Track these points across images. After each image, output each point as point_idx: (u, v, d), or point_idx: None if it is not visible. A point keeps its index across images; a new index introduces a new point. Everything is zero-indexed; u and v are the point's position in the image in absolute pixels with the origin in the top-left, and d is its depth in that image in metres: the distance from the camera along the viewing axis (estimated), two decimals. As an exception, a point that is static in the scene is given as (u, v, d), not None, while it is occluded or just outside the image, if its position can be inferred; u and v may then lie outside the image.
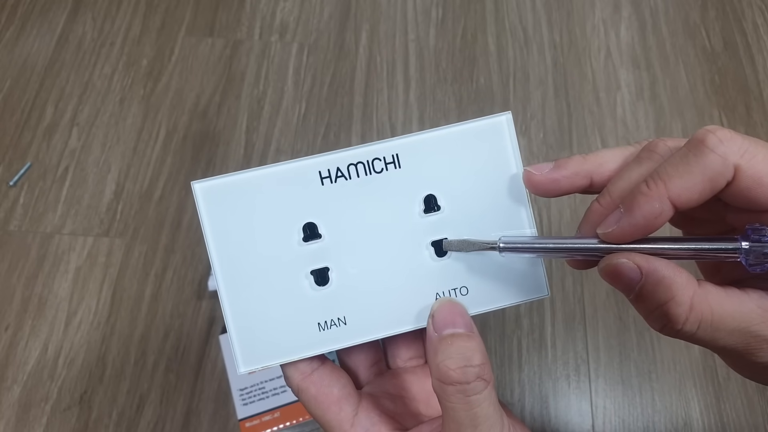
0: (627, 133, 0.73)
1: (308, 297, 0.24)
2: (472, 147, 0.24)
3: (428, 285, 0.24)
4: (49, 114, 0.74)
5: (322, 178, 0.24)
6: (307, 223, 0.24)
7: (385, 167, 0.24)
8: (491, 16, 0.82)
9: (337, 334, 0.24)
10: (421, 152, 0.24)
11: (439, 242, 0.24)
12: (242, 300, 0.24)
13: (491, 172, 0.24)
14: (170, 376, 0.59)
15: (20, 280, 0.64)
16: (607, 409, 0.59)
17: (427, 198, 0.24)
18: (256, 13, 0.82)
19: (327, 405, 0.24)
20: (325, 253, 0.24)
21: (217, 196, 0.23)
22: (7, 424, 0.57)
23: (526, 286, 0.25)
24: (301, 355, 0.24)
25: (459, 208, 0.24)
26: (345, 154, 0.24)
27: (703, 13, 0.83)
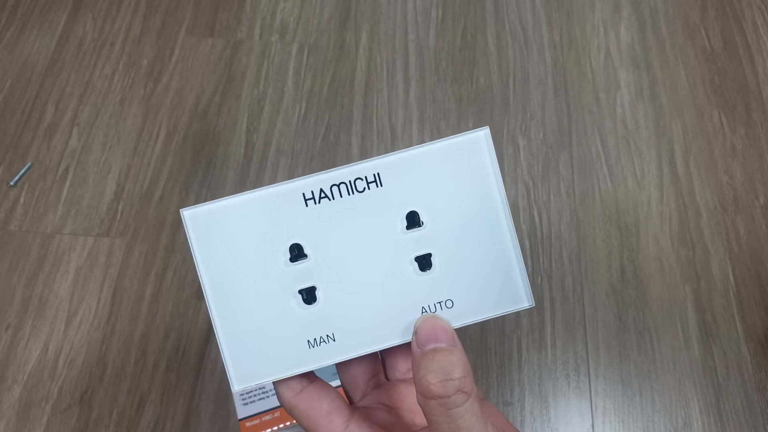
0: (627, 133, 0.74)
1: (297, 315, 0.25)
2: (452, 163, 0.25)
3: (413, 299, 0.25)
4: (49, 114, 0.74)
5: (306, 199, 0.24)
6: (293, 243, 0.24)
7: (367, 186, 0.24)
8: (491, 17, 0.82)
9: (326, 351, 0.25)
10: (402, 170, 0.25)
11: (422, 257, 0.25)
12: (233, 321, 0.24)
13: (471, 188, 0.25)
14: (171, 375, 0.59)
15: (21, 280, 0.64)
16: (606, 408, 0.59)
17: (409, 215, 0.25)
18: (256, 14, 0.82)
19: (317, 419, 0.25)
20: (311, 273, 0.25)
21: (205, 221, 0.24)
22: (7, 424, 0.57)
23: (510, 296, 0.25)
24: (293, 371, 0.25)
25: (440, 223, 0.25)
26: (327, 176, 0.24)
27: (703, 14, 0.83)
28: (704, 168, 0.71)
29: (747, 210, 0.69)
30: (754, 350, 0.61)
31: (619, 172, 0.71)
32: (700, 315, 0.63)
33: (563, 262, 0.66)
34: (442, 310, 0.25)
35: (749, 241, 0.67)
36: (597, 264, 0.66)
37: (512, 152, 0.72)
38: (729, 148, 0.73)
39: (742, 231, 0.68)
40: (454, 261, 0.25)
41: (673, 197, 0.69)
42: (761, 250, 0.67)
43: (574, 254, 0.66)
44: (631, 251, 0.66)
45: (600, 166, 0.71)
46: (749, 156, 0.72)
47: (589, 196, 0.70)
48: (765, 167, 0.72)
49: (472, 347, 0.61)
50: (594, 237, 0.67)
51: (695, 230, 0.68)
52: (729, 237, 0.67)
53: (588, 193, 0.70)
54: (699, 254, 0.66)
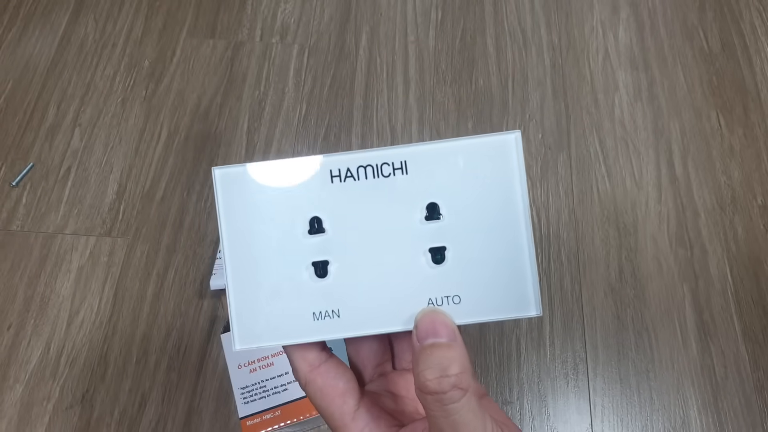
0: (625, 134, 0.74)
1: (307, 287, 0.25)
2: (479, 161, 0.25)
3: (422, 290, 0.25)
4: (51, 115, 0.74)
5: (332, 176, 0.25)
6: (313, 216, 0.25)
7: (393, 172, 0.25)
8: (490, 18, 0.83)
9: (330, 325, 0.25)
10: (429, 161, 0.25)
11: (436, 249, 0.25)
12: (245, 282, 0.25)
13: (495, 188, 0.25)
14: (172, 374, 0.60)
15: (23, 279, 0.64)
16: (605, 407, 0.59)
17: (430, 205, 0.25)
18: (257, 15, 0.83)
19: (332, 397, 0.25)
20: (327, 247, 0.25)
21: (234, 182, 0.25)
22: (9, 423, 0.57)
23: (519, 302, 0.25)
24: (294, 340, 0.25)
25: (459, 218, 0.25)
26: (356, 156, 0.25)
27: (701, 15, 0.83)
28: (702, 168, 0.72)
29: (745, 210, 0.69)
30: (752, 349, 0.62)
31: (618, 172, 0.71)
32: (698, 314, 0.63)
33: (562, 261, 0.66)
34: (448, 305, 0.25)
35: (747, 241, 0.67)
36: (595, 264, 0.66)
37: (511, 153, 0.73)
38: (727, 148, 0.73)
39: (740, 231, 0.68)
40: (468, 258, 0.25)
41: (671, 197, 0.70)
42: (759, 250, 0.67)
43: (572, 254, 0.66)
44: (630, 251, 0.67)
45: (598, 166, 0.72)
46: (747, 156, 0.73)
47: (587, 197, 0.70)
48: (763, 167, 0.72)
49: (471, 346, 0.62)
50: (592, 237, 0.67)
51: (693, 230, 0.68)
52: (727, 237, 0.67)
53: (586, 193, 0.70)
54: (697, 254, 0.66)
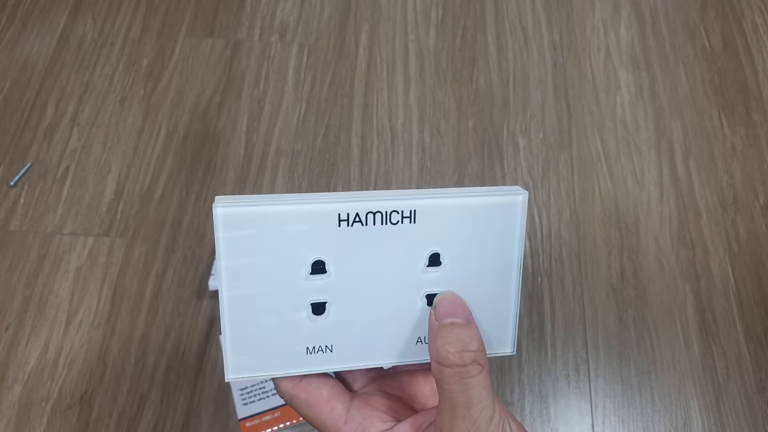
0: (626, 133, 0.74)
1: (303, 324, 0.25)
2: (485, 219, 0.26)
3: (414, 330, 0.26)
4: (49, 114, 0.74)
5: (340, 220, 0.25)
6: (316, 259, 0.25)
7: (401, 220, 0.25)
8: (491, 17, 0.82)
9: (321, 359, 0.26)
10: (437, 214, 0.25)
11: (433, 294, 0.26)
12: (242, 315, 0.25)
13: (496, 242, 0.26)
14: (171, 375, 0.59)
15: (21, 280, 0.64)
16: (606, 408, 0.59)
17: (432, 255, 0.26)
18: (256, 14, 0.82)
19: (319, 406, 0.26)
20: (327, 289, 0.25)
21: (237, 222, 0.24)
22: (8, 424, 0.57)
23: (499, 342, 0.28)
24: (285, 372, 0.26)
25: (458, 269, 0.26)
26: (366, 204, 0.25)
27: (703, 14, 0.83)
28: (704, 168, 0.71)
29: (747, 210, 0.69)
30: (753, 350, 0.61)
31: (619, 172, 0.71)
32: (700, 315, 0.63)
33: (563, 262, 0.66)
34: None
35: (749, 241, 0.67)
36: (597, 264, 0.66)
37: (512, 152, 0.72)
38: (729, 148, 0.73)
39: (742, 231, 0.68)
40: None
41: (672, 197, 0.69)
42: (761, 250, 0.67)
43: (574, 254, 0.66)
44: (631, 251, 0.66)
45: (600, 166, 0.72)
46: (749, 156, 0.72)
47: (589, 196, 0.70)
48: (765, 167, 0.72)
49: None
50: (594, 237, 0.67)
51: (695, 230, 0.68)
52: (729, 237, 0.67)
53: (588, 193, 0.70)
54: (699, 254, 0.66)
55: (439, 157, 0.72)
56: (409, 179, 0.71)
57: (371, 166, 0.71)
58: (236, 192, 0.69)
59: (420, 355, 0.27)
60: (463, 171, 0.71)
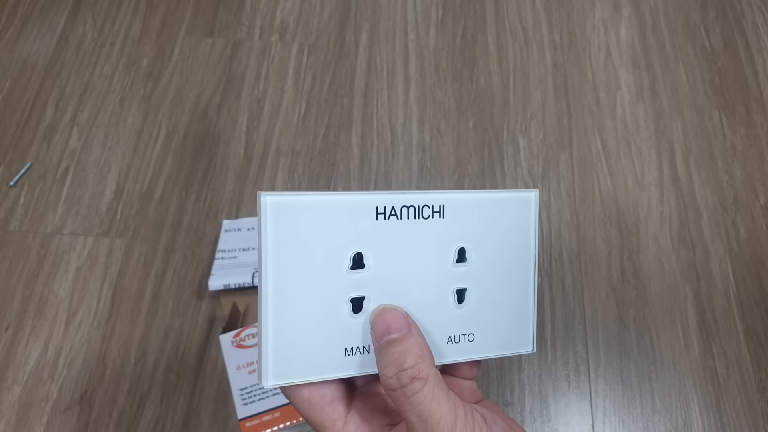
0: (627, 133, 0.74)
1: (344, 322, 0.25)
2: (504, 213, 0.27)
3: (444, 327, 0.27)
4: (49, 114, 0.74)
5: (378, 213, 0.25)
6: (356, 252, 0.25)
7: (432, 215, 0.26)
8: (491, 16, 0.82)
9: (359, 361, 0.25)
10: (463, 208, 0.27)
11: (461, 291, 0.27)
12: (285, 316, 0.24)
13: (514, 239, 0.28)
14: (170, 375, 0.59)
15: (20, 280, 0.64)
16: (606, 408, 0.59)
17: (460, 249, 0.27)
18: (256, 14, 0.82)
19: (321, 407, 0.25)
20: (366, 283, 0.25)
21: (285, 212, 0.24)
22: (7, 424, 0.57)
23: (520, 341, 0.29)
24: (326, 376, 0.25)
25: (483, 264, 0.27)
26: (402, 197, 0.26)
27: (703, 13, 0.83)
28: (704, 168, 0.71)
29: (747, 210, 0.69)
30: (754, 350, 0.61)
31: (620, 172, 0.71)
32: (701, 315, 0.63)
33: (563, 262, 0.66)
34: (464, 342, 0.27)
35: (749, 241, 0.67)
36: (597, 264, 0.65)
37: (512, 152, 0.72)
38: (729, 148, 0.73)
39: (743, 231, 0.67)
40: (486, 301, 0.27)
41: (673, 197, 0.69)
42: (761, 250, 0.66)
43: (574, 254, 0.66)
44: (632, 251, 0.66)
45: (600, 166, 0.71)
46: (749, 156, 0.72)
47: (589, 196, 0.70)
48: (765, 167, 0.71)
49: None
50: (594, 237, 0.67)
51: (695, 230, 0.67)
52: (729, 237, 0.67)
53: (588, 193, 0.70)
54: (699, 254, 0.66)
55: (439, 157, 0.72)
56: (409, 179, 0.70)
57: (371, 165, 0.71)
58: (236, 191, 0.69)
59: (450, 356, 0.27)
60: (463, 171, 0.71)
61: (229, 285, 0.61)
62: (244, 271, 0.61)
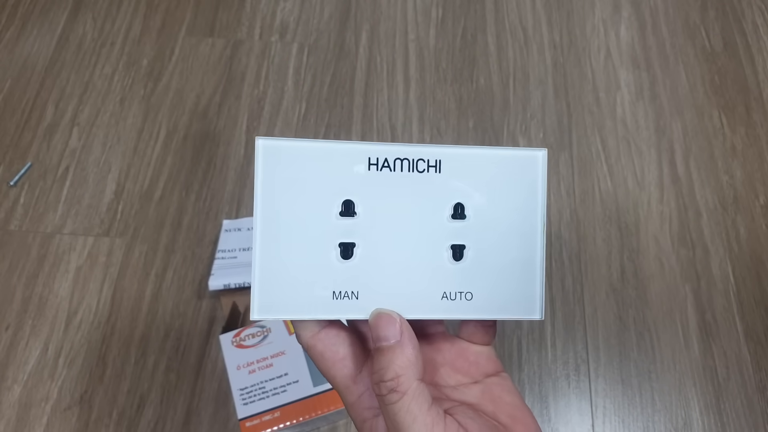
0: (627, 133, 0.74)
1: (331, 266, 0.26)
2: (507, 172, 0.26)
3: (439, 283, 0.26)
4: (49, 114, 0.74)
5: (370, 163, 0.26)
6: (346, 199, 0.26)
7: (427, 169, 0.26)
8: (491, 16, 0.82)
9: (347, 306, 0.26)
10: (461, 164, 0.26)
11: (457, 247, 0.26)
12: (273, 254, 0.25)
13: (518, 198, 0.27)
14: (170, 375, 0.59)
15: (21, 279, 0.64)
16: (606, 408, 0.59)
17: (457, 205, 0.26)
18: (256, 14, 0.82)
19: (333, 362, 0.26)
20: (355, 230, 0.26)
21: (276, 155, 0.25)
22: (7, 424, 0.57)
23: (526, 306, 0.27)
24: (311, 316, 0.26)
25: (482, 221, 0.26)
26: (395, 148, 0.26)
27: (703, 14, 0.83)
28: (704, 168, 0.71)
29: (747, 210, 0.69)
30: (754, 350, 0.61)
31: (620, 171, 0.71)
32: (701, 315, 0.63)
33: (563, 262, 0.66)
34: (460, 300, 0.27)
35: (749, 241, 0.67)
36: (597, 264, 0.65)
37: (512, 152, 0.72)
38: (729, 147, 0.73)
39: (743, 231, 0.67)
40: (485, 259, 0.27)
41: (673, 197, 0.69)
42: (761, 249, 0.66)
43: (574, 254, 0.66)
44: (632, 251, 0.66)
45: (600, 165, 0.71)
46: (749, 156, 0.72)
47: (589, 196, 0.70)
48: (765, 167, 0.71)
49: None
50: (594, 237, 0.67)
51: (695, 230, 0.67)
52: (729, 237, 0.67)
53: (588, 192, 0.70)
54: (699, 254, 0.66)
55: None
56: (409, 179, 0.70)
57: (371, 165, 0.71)
58: (236, 191, 0.69)
59: (444, 312, 0.27)
60: (463, 171, 0.71)
61: (229, 285, 0.61)
62: (244, 271, 0.61)
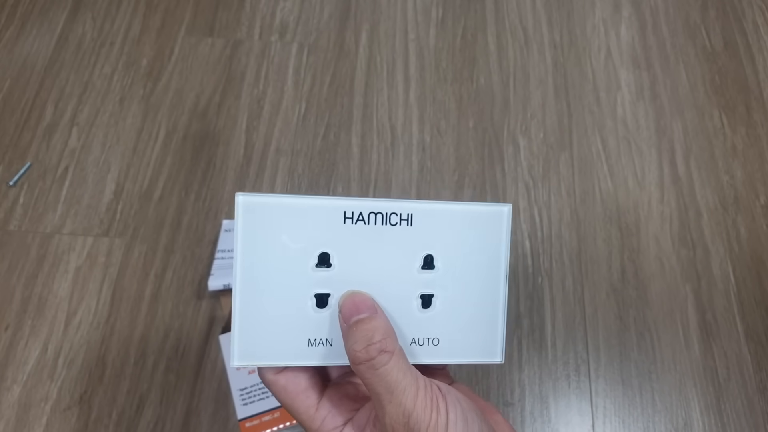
0: (627, 133, 0.73)
1: (307, 315, 0.27)
2: (475, 225, 0.28)
3: (408, 330, 0.28)
4: (48, 114, 0.74)
5: (345, 217, 0.27)
6: (323, 252, 0.27)
7: (399, 222, 0.28)
8: (491, 16, 0.82)
9: (321, 352, 0.28)
10: (432, 218, 0.28)
11: (427, 296, 0.28)
12: (252, 304, 0.27)
13: (484, 250, 0.28)
14: (170, 376, 0.59)
15: (20, 280, 0.64)
16: (607, 409, 0.59)
17: (427, 257, 0.28)
18: (255, 13, 0.82)
19: (296, 394, 0.27)
20: (331, 281, 0.27)
21: (255, 211, 0.26)
22: (7, 424, 0.57)
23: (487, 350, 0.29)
24: (288, 362, 0.27)
25: (450, 272, 0.28)
26: (369, 203, 0.27)
27: (704, 13, 0.83)
28: (705, 168, 0.71)
29: (748, 210, 0.69)
30: (754, 350, 0.61)
31: (620, 171, 0.71)
32: (701, 315, 0.63)
33: (564, 262, 0.66)
34: (428, 346, 0.29)
35: (750, 241, 0.67)
36: (597, 264, 0.65)
37: (512, 152, 0.72)
38: (729, 147, 0.73)
39: (743, 231, 0.67)
40: (452, 308, 0.28)
41: (673, 197, 0.69)
42: (762, 250, 0.66)
43: (574, 254, 0.66)
44: (632, 251, 0.66)
45: (600, 165, 0.71)
46: (750, 156, 0.72)
47: (589, 196, 0.69)
48: (766, 167, 0.71)
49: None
50: (594, 237, 0.67)
51: (696, 230, 0.67)
52: (730, 237, 0.67)
53: (588, 192, 0.70)
54: (700, 254, 0.66)
55: (439, 157, 0.72)
56: (409, 179, 0.70)
57: (371, 165, 0.71)
58: (236, 191, 0.69)
59: (412, 358, 0.28)
60: (463, 171, 0.71)
61: (229, 285, 0.60)
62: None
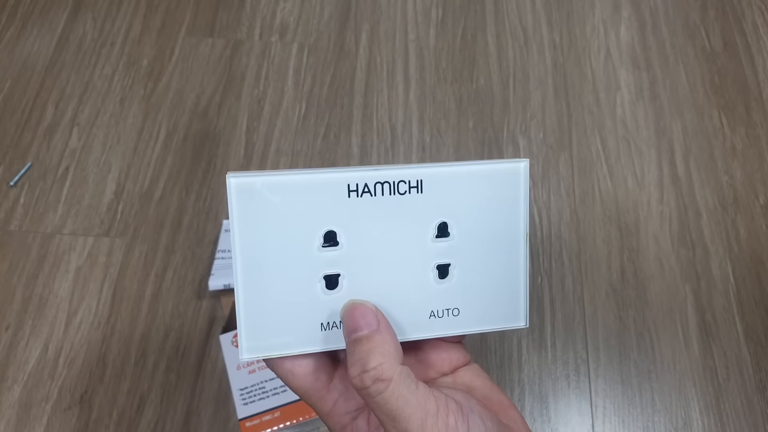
0: (627, 133, 0.74)
1: (317, 298, 0.25)
2: (489, 186, 0.26)
3: (426, 303, 0.26)
4: (49, 114, 0.74)
5: (349, 190, 0.25)
6: (328, 230, 0.25)
7: (409, 190, 0.25)
8: (491, 17, 0.82)
9: (336, 336, 0.26)
10: (443, 183, 0.26)
11: (443, 266, 0.26)
12: (256, 293, 0.25)
13: (501, 211, 0.26)
14: (170, 375, 0.59)
15: (21, 280, 0.64)
16: (606, 408, 0.59)
17: (441, 225, 0.26)
18: (256, 14, 0.82)
19: (304, 376, 0.26)
20: (340, 261, 0.25)
21: (250, 192, 0.24)
22: (7, 424, 0.57)
23: (511, 315, 0.27)
24: (301, 350, 0.25)
25: (466, 238, 0.26)
26: (375, 173, 0.25)
27: (703, 14, 0.83)
28: (704, 168, 0.71)
29: (747, 210, 0.69)
30: (754, 350, 0.61)
31: (619, 172, 0.71)
32: (701, 315, 0.63)
33: (563, 262, 0.66)
34: (448, 317, 0.27)
35: (749, 241, 0.67)
36: (597, 264, 0.66)
37: (512, 152, 0.72)
38: (729, 148, 0.73)
39: (742, 231, 0.68)
40: (471, 275, 0.27)
41: (673, 197, 0.69)
42: (761, 250, 0.66)
43: (574, 254, 0.66)
44: (631, 251, 0.66)
45: (600, 166, 0.71)
46: (749, 156, 0.72)
47: (589, 196, 0.70)
48: (765, 167, 0.72)
49: (472, 347, 0.61)
50: (594, 237, 0.67)
51: (695, 230, 0.67)
52: (729, 237, 0.67)
53: (588, 193, 0.70)
54: (699, 254, 0.66)
55: (439, 157, 0.72)
56: (409, 179, 0.70)
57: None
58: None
59: (432, 331, 0.27)
60: (463, 171, 0.71)
61: (230, 285, 0.61)
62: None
